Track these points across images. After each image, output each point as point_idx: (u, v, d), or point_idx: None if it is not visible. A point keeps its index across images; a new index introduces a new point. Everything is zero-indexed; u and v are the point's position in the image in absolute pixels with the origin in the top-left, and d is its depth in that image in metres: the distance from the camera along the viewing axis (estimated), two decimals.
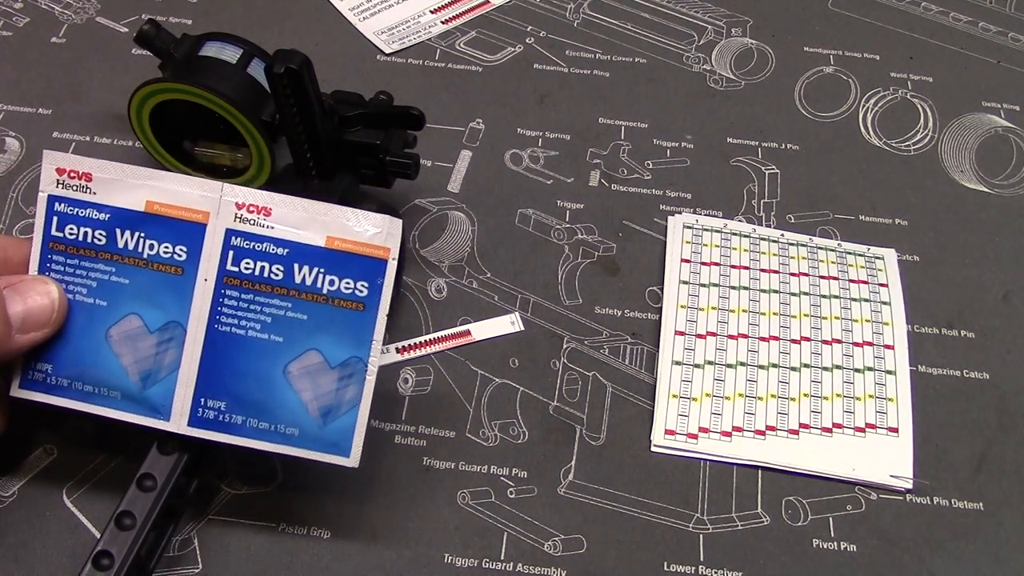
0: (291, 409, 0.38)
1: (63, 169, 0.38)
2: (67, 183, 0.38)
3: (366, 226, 0.37)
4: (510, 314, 0.50)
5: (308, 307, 0.38)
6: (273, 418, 0.38)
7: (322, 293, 0.38)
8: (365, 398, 0.38)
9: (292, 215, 0.38)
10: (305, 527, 0.43)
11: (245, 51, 0.49)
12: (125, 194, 0.38)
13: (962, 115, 0.59)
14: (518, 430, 0.46)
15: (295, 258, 0.38)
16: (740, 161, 0.57)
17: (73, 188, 0.38)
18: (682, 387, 0.47)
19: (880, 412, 0.47)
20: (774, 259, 0.52)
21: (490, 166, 0.56)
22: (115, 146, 0.56)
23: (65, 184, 0.38)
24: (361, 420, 0.38)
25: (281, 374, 0.38)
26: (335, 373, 0.38)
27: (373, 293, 0.38)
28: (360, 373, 0.38)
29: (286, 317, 0.38)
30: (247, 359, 0.38)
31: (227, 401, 0.38)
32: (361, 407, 0.38)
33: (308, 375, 0.38)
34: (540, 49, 0.62)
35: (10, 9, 0.63)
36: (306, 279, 0.38)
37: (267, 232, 0.38)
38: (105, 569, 0.36)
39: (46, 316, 0.37)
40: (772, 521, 0.44)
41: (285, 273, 0.38)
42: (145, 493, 0.37)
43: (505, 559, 0.42)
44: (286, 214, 0.38)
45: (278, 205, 0.38)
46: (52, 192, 0.38)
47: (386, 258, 0.38)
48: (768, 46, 0.62)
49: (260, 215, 0.38)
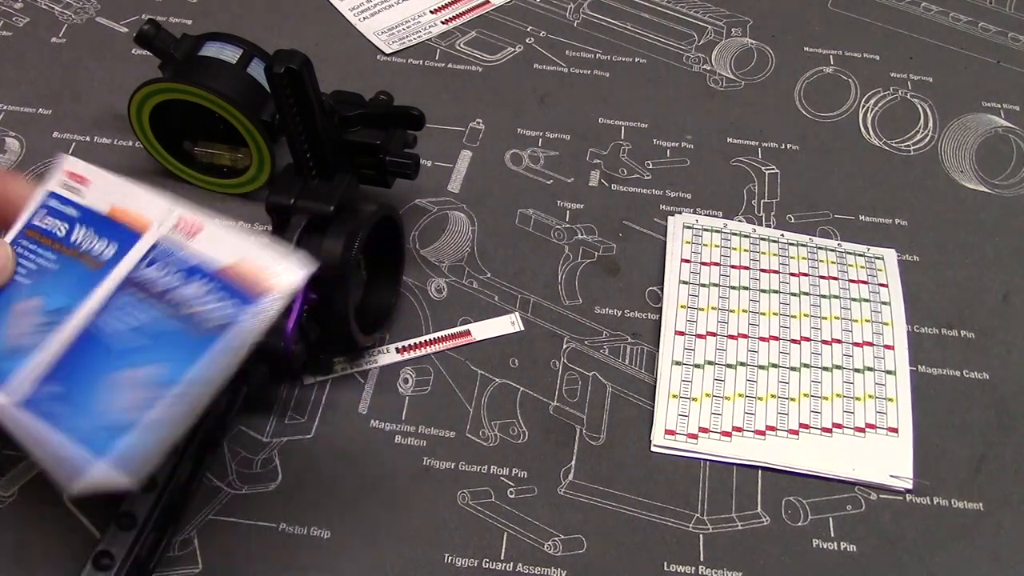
0: (98, 414, 0.36)
1: (72, 173, 0.39)
2: (68, 183, 0.39)
3: (277, 266, 0.37)
4: (510, 314, 0.50)
5: (179, 321, 0.37)
6: (84, 422, 0.36)
7: (193, 311, 0.37)
8: (162, 419, 0.34)
9: (218, 243, 0.37)
10: (305, 527, 0.43)
11: (245, 51, 0.49)
12: (102, 199, 0.39)
13: (962, 115, 0.59)
14: (518, 430, 0.46)
15: (192, 274, 0.37)
16: (740, 161, 0.57)
17: (69, 188, 0.39)
18: (682, 387, 0.47)
19: (880, 412, 0.47)
20: (774, 259, 0.52)
21: (490, 166, 0.56)
22: (115, 146, 0.56)
23: (67, 185, 0.39)
24: (143, 439, 0.34)
25: (115, 379, 0.36)
26: (160, 391, 0.36)
27: (226, 326, 0.36)
28: (173, 396, 0.35)
29: (156, 328, 0.37)
30: (106, 362, 0.37)
31: (64, 393, 0.37)
32: (147, 422, 0.35)
33: (132, 386, 0.36)
34: (540, 49, 0.62)
35: (10, 9, 0.63)
36: (193, 298, 0.37)
37: (184, 250, 0.37)
38: (105, 569, 0.36)
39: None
40: (772, 521, 0.44)
41: (176, 288, 0.37)
42: (145, 493, 0.37)
43: (505, 559, 0.42)
44: (213, 237, 0.37)
45: (209, 228, 0.38)
46: (53, 189, 0.39)
47: (260, 292, 0.36)
48: (768, 46, 0.62)
49: (187, 235, 0.38)
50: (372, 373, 0.48)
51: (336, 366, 0.48)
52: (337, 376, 0.47)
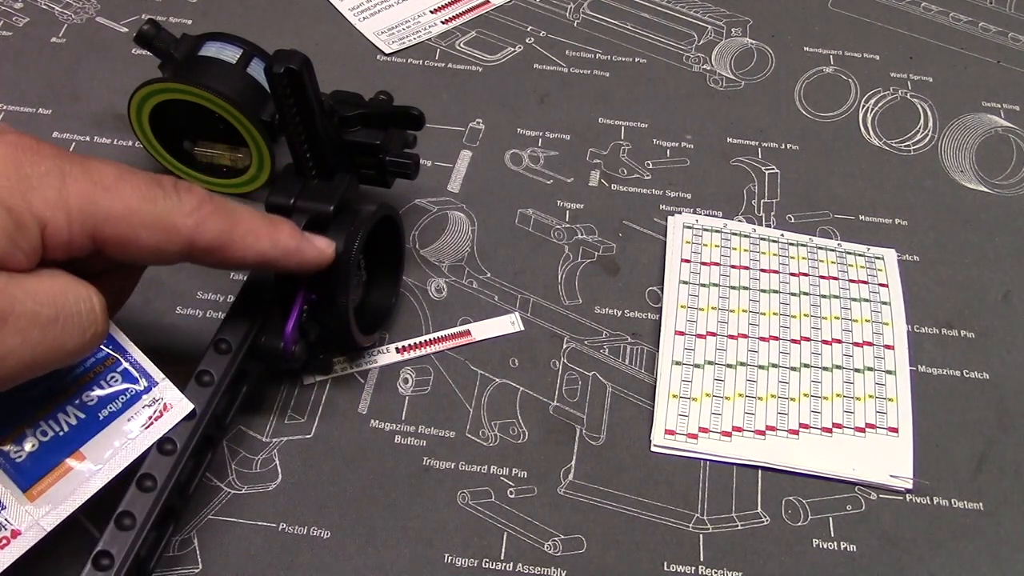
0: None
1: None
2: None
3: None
4: (510, 314, 0.50)
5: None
6: None
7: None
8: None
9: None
10: (305, 527, 0.43)
11: (245, 51, 0.49)
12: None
13: (962, 115, 0.59)
14: (518, 430, 0.46)
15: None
16: (740, 161, 0.57)
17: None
18: (682, 387, 0.47)
19: (880, 412, 0.47)
20: (774, 259, 0.52)
21: (490, 166, 0.56)
22: (115, 146, 0.56)
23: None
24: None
25: None
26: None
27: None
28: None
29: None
30: None
31: None
32: None
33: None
34: (540, 49, 0.62)
35: (10, 9, 0.63)
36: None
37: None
38: (105, 569, 0.36)
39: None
40: (772, 521, 0.44)
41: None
42: (145, 493, 0.37)
43: (505, 559, 0.42)
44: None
45: None
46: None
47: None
48: (768, 46, 0.62)
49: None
50: (372, 373, 0.48)
51: (336, 366, 0.48)
52: (337, 376, 0.47)
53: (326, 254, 0.40)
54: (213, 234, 0.35)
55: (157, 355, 0.38)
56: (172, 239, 0.34)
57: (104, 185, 0.33)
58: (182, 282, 0.50)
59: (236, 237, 0.36)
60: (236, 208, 0.37)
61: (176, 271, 0.49)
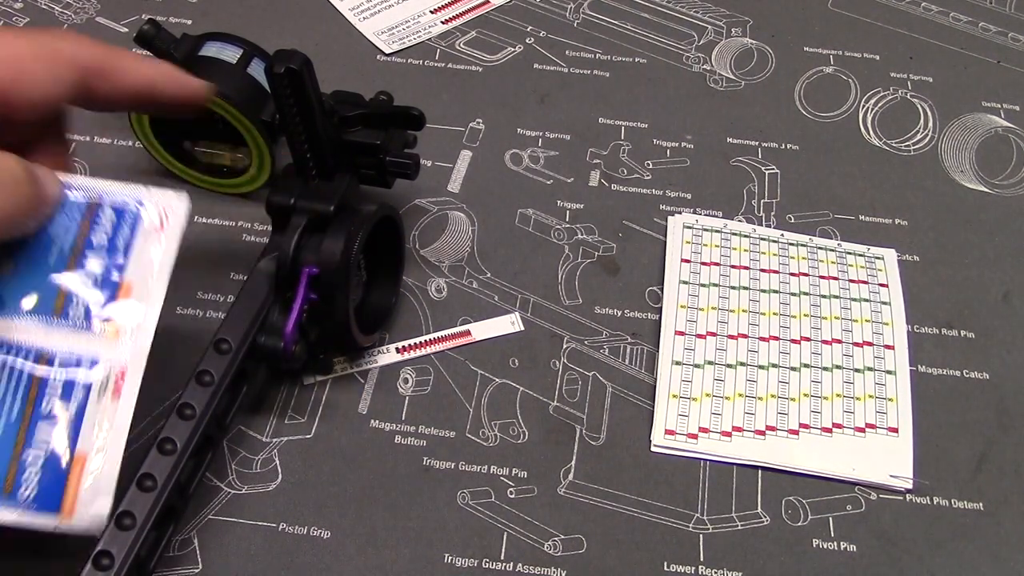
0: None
1: (162, 221, 0.38)
2: (151, 224, 0.38)
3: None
4: (510, 314, 0.50)
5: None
6: None
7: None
8: None
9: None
10: (305, 527, 0.43)
11: (245, 51, 0.49)
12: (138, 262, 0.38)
13: (962, 115, 0.59)
14: (518, 430, 0.46)
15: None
16: (740, 161, 0.57)
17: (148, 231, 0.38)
18: (682, 387, 0.47)
19: (880, 412, 0.47)
20: (774, 259, 0.52)
21: (490, 166, 0.56)
22: (115, 146, 0.56)
23: (152, 225, 0.38)
24: None
25: None
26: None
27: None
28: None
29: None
30: None
31: None
32: None
33: None
34: (540, 49, 0.62)
35: (10, 9, 0.63)
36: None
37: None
38: (105, 569, 0.36)
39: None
40: (772, 521, 0.44)
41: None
42: (145, 493, 0.37)
43: (505, 559, 0.42)
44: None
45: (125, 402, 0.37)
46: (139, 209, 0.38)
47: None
48: (768, 46, 0.62)
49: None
50: (372, 373, 0.48)
51: (336, 366, 0.48)
52: (337, 376, 0.47)
53: (207, 86, 0.41)
54: (97, 52, 0.37)
55: (157, 355, 0.38)
56: (59, 62, 0.36)
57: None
58: (182, 282, 0.50)
59: (118, 60, 0.38)
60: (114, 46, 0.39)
61: (176, 271, 0.49)
